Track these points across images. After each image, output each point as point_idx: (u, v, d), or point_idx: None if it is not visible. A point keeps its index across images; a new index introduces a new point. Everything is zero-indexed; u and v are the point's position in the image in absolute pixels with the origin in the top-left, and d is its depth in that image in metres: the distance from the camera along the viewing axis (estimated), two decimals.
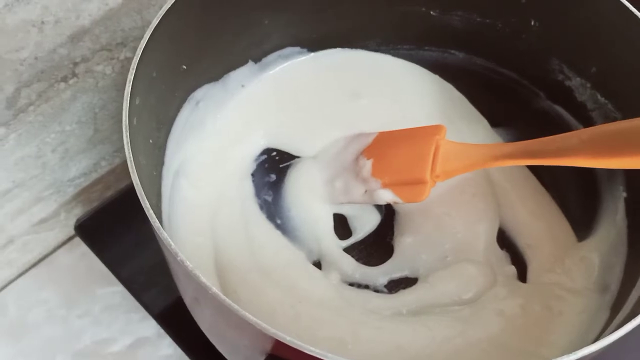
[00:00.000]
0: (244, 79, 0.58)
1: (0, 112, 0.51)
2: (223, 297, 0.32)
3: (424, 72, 0.62)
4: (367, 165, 0.53)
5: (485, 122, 0.60)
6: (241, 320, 0.32)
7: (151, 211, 0.35)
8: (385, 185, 0.52)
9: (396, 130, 0.55)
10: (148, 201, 0.37)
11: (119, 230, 0.61)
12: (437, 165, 0.49)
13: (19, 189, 0.58)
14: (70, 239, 0.65)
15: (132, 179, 0.36)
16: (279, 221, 0.55)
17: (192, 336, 0.53)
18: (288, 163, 0.58)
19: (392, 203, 0.53)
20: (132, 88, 0.41)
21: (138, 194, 0.36)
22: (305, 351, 0.31)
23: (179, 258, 0.34)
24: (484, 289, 0.51)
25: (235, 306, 0.32)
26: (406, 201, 0.51)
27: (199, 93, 0.54)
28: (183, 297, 0.47)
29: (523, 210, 0.55)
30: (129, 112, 0.40)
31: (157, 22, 0.44)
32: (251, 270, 0.51)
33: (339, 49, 0.61)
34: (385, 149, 0.54)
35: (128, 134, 0.38)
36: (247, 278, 0.51)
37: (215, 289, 0.33)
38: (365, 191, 0.53)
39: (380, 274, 0.53)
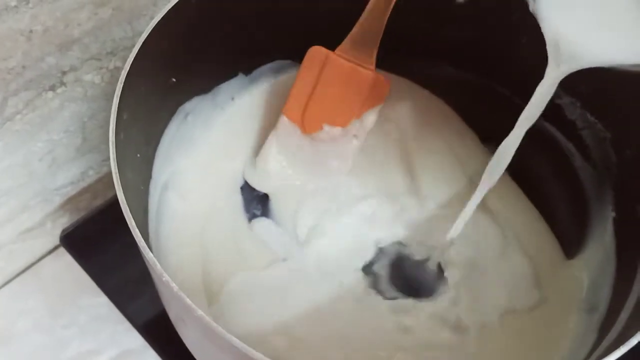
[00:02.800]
0: (233, 92, 0.58)
1: None
2: (209, 319, 0.32)
3: (413, 86, 0.62)
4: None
5: (474, 135, 0.60)
6: (227, 343, 0.32)
7: (137, 230, 0.35)
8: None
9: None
10: (134, 217, 0.36)
11: (104, 241, 0.60)
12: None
13: (5, 198, 0.57)
14: (56, 248, 0.64)
15: (118, 197, 0.36)
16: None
17: (176, 349, 0.52)
18: None
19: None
20: (119, 102, 0.40)
21: (124, 213, 0.36)
22: None
23: (164, 279, 0.34)
24: None
25: (221, 329, 0.31)
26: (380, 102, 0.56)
27: (188, 106, 0.54)
28: (168, 313, 0.46)
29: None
30: (116, 127, 0.39)
31: (147, 35, 0.44)
32: (239, 283, 0.51)
33: None
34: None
35: (114, 149, 0.38)
36: (235, 290, 0.51)
37: (201, 312, 0.32)
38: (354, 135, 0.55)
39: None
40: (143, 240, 0.35)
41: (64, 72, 0.54)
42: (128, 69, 0.41)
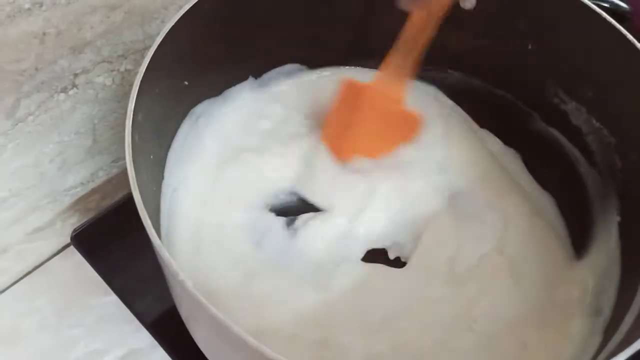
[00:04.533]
0: (244, 95, 0.59)
1: None
2: (223, 318, 0.32)
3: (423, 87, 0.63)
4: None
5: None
6: (241, 342, 0.32)
7: (152, 230, 0.35)
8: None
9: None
10: (150, 218, 0.37)
11: (114, 241, 0.61)
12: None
13: (15, 198, 0.57)
14: (64, 248, 0.65)
15: (135, 198, 0.37)
16: None
17: (185, 348, 0.53)
18: None
19: None
20: (135, 104, 0.41)
21: (140, 213, 0.36)
22: None
23: (179, 278, 0.34)
24: None
25: (237, 328, 0.32)
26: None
27: (199, 108, 0.55)
28: (180, 312, 0.47)
29: None
30: (132, 128, 0.40)
31: (162, 38, 0.44)
32: (243, 285, 0.52)
33: (339, 67, 0.62)
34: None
35: (131, 151, 0.38)
36: (240, 294, 0.51)
37: (215, 310, 0.33)
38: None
39: None
40: (159, 239, 0.35)
41: (76, 75, 0.54)
42: (143, 72, 0.42)
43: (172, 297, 0.46)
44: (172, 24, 0.45)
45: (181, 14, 0.45)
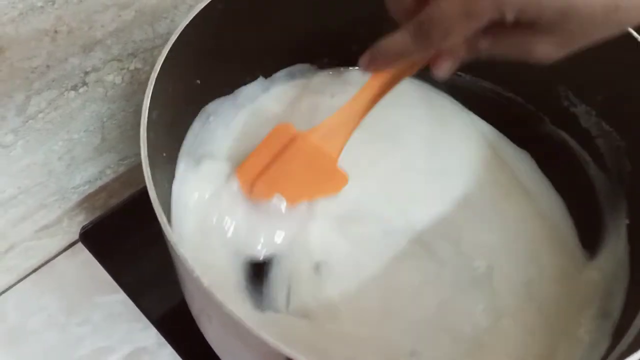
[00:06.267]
0: (254, 94, 0.59)
1: (9, 119, 0.51)
2: (239, 316, 0.33)
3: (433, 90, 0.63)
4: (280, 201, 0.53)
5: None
6: (256, 340, 0.32)
7: (168, 227, 0.36)
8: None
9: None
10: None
11: (122, 238, 0.61)
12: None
13: (23, 195, 0.58)
14: (71, 245, 0.65)
15: (150, 196, 0.37)
16: None
17: (193, 346, 0.53)
18: None
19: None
20: (150, 102, 0.41)
21: (156, 211, 0.36)
22: None
23: (195, 275, 0.34)
24: None
25: (251, 325, 0.32)
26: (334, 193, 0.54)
27: (210, 107, 0.55)
28: (191, 309, 0.47)
29: None
30: (147, 126, 0.40)
31: (175, 38, 0.45)
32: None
33: (348, 68, 0.62)
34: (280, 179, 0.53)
35: (146, 148, 0.39)
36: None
37: (231, 308, 0.33)
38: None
39: None
40: (174, 236, 0.35)
41: (86, 73, 0.54)
42: (158, 70, 0.42)
43: (184, 294, 0.46)
44: (187, 22, 0.45)
45: (195, 14, 0.45)
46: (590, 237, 0.54)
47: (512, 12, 0.34)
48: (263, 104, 0.59)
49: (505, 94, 0.60)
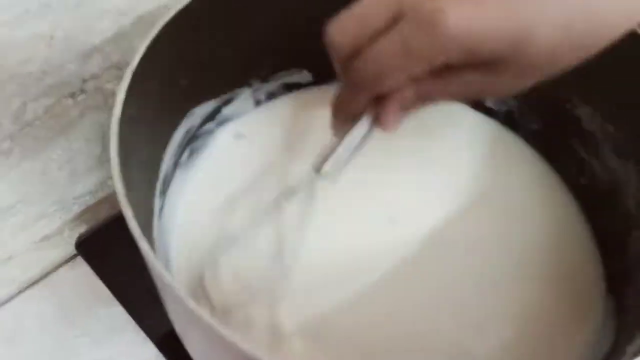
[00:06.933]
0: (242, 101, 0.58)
1: (5, 125, 0.51)
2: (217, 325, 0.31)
3: None
4: None
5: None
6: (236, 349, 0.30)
7: (145, 244, 0.34)
8: None
9: None
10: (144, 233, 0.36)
11: (120, 250, 0.59)
12: None
13: (22, 205, 0.57)
14: (72, 257, 0.64)
15: (119, 198, 0.36)
16: None
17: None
18: None
19: None
20: (123, 104, 0.40)
21: (125, 215, 0.35)
22: None
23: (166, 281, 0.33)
24: None
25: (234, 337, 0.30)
26: None
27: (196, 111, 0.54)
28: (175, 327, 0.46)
29: None
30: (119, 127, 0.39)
31: (156, 33, 0.43)
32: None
33: None
34: None
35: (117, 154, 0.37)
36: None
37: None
38: None
39: None
40: (152, 254, 0.34)
41: (85, 80, 0.54)
42: (135, 66, 0.41)
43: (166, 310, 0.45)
44: (169, 18, 0.44)
45: (178, 10, 0.44)
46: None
47: (458, 54, 0.31)
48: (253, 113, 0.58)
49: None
